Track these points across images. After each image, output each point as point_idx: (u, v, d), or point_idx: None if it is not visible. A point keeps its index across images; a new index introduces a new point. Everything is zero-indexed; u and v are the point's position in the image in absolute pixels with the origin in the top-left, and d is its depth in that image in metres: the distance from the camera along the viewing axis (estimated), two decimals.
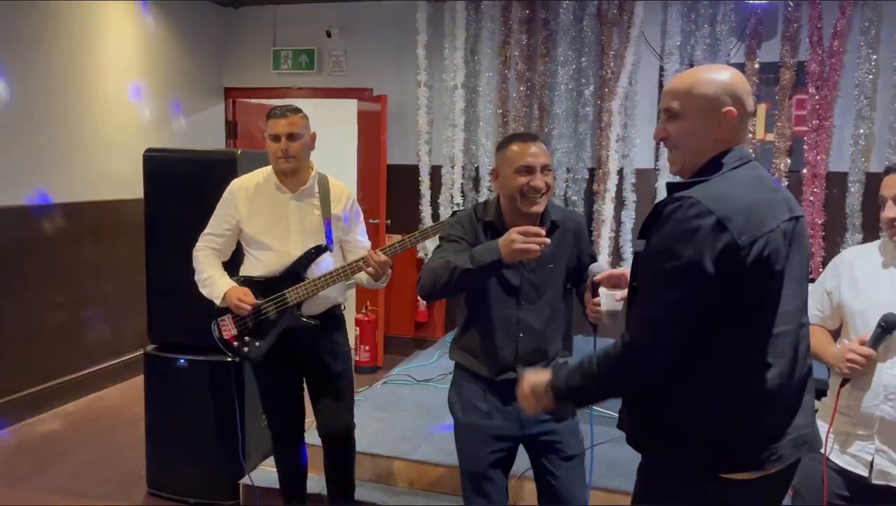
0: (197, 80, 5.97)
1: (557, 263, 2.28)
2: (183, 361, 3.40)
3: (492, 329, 2.24)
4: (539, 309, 2.26)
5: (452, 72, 5.47)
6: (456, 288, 2.10)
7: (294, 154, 2.78)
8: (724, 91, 1.58)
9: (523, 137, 2.22)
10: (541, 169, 2.16)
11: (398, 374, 4.63)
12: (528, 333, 2.24)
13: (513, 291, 2.23)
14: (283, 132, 2.76)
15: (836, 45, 4.79)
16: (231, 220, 2.88)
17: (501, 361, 2.24)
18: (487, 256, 2.00)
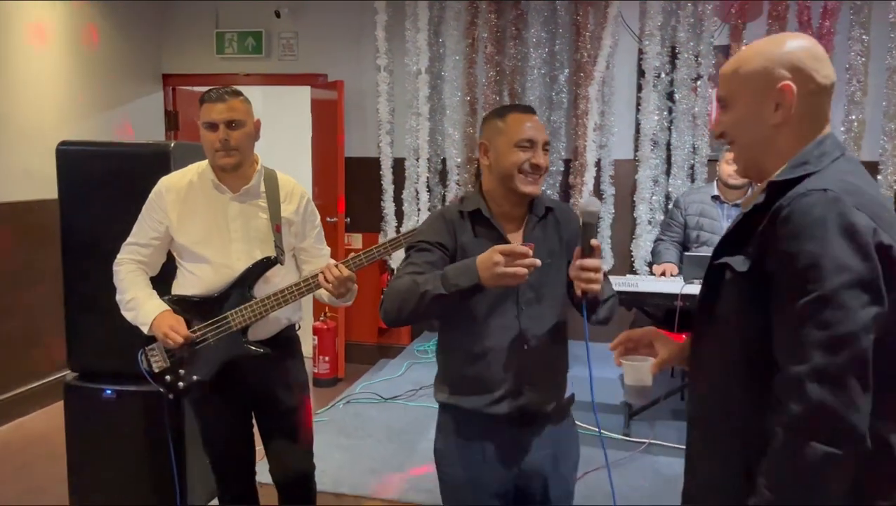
0: (130, 66, 5.38)
1: (555, 256, 1.90)
2: (110, 392, 2.90)
3: (488, 345, 1.84)
4: (542, 314, 1.87)
5: (415, 55, 5.00)
6: (427, 315, 1.78)
7: (235, 146, 2.30)
8: (778, 62, 1.26)
9: (522, 108, 1.91)
10: (542, 145, 1.86)
11: (362, 391, 4.17)
12: (534, 344, 1.85)
13: (509, 293, 1.84)
14: (221, 119, 2.28)
15: (828, 25, 4.48)
16: (159, 226, 2.39)
17: (504, 385, 1.83)
18: (464, 280, 1.65)
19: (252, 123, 2.37)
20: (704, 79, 4.67)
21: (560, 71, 4.90)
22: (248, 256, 2.36)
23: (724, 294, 1.26)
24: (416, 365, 4.64)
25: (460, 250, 1.85)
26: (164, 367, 2.37)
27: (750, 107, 1.27)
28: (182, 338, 2.26)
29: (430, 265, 1.80)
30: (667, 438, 3.47)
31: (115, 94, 5.19)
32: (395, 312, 1.76)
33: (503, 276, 1.59)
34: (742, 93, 1.28)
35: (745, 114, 1.28)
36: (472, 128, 5.05)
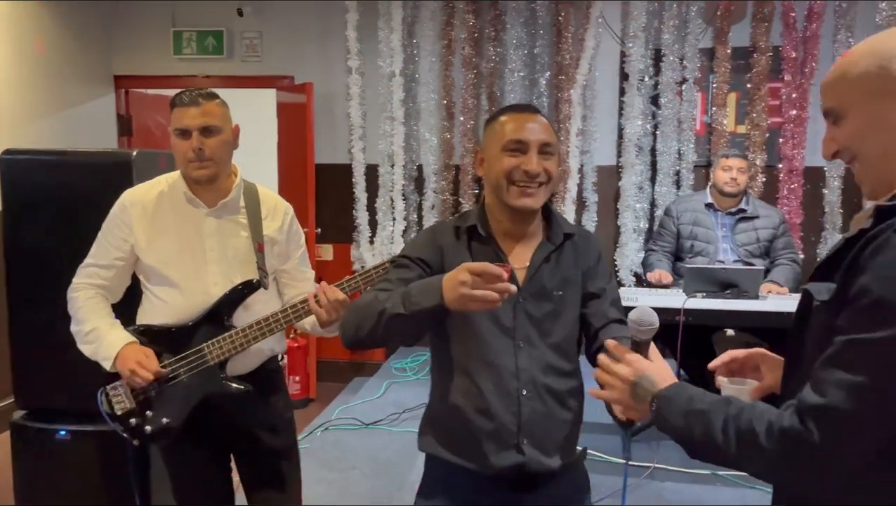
0: (78, 66, 4.99)
1: (568, 288, 1.62)
2: (64, 433, 2.59)
3: (480, 389, 1.56)
4: (544, 354, 1.59)
5: (389, 57, 4.74)
6: (388, 337, 1.53)
7: (210, 155, 2.02)
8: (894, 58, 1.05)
9: (519, 108, 1.64)
10: (538, 148, 1.56)
11: (340, 416, 3.89)
12: (534, 388, 1.57)
13: (504, 327, 1.58)
14: (195, 125, 2.00)
15: (813, 28, 4.38)
16: (124, 245, 2.09)
17: (498, 439, 1.56)
18: (427, 300, 1.41)
19: (230, 129, 2.09)
20: (690, 82, 4.52)
21: (540, 74, 4.70)
22: (227, 279, 2.08)
23: (811, 323, 1.13)
24: (396, 385, 4.37)
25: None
26: (129, 408, 2.07)
27: (869, 114, 1.07)
28: (152, 375, 1.96)
29: (403, 283, 1.54)
30: (671, 461, 3.27)
31: (60, 98, 4.80)
32: (352, 331, 1.53)
33: (468, 298, 1.34)
34: (856, 100, 1.08)
35: (865, 123, 1.08)
36: (449, 133, 4.82)
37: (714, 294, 3.24)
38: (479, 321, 1.56)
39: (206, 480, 2.17)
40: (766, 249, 3.72)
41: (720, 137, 4.54)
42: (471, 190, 4.82)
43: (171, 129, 2.03)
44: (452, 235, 1.63)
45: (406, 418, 3.77)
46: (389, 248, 4.89)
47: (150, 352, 2.00)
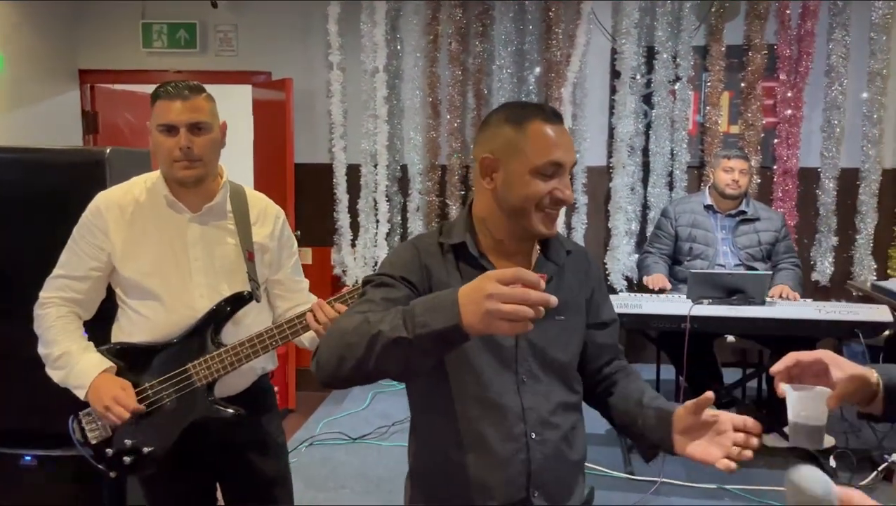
0: (40, 59, 4.69)
1: (570, 311, 1.40)
2: (30, 459, 2.35)
3: (479, 433, 1.32)
4: (551, 388, 1.37)
5: (371, 52, 4.55)
6: (379, 370, 1.15)
7: (199, 154, 1.82)
8: None
9: (547, 113, 1.34)
10: (569, 169, 1.37)
11: (325, 430, 3.68)
12: (543, 429, 1.35)
13: (505, 359, 1.35)
14: (183, 121, 1.78)
15: (808, 27, 4.29)
16: (99, 254, 1.87)
17: (503, 491, 1.33)
18: (439, 320, 1.06)
19: (218, 127, 1.89)
20: (683, 81, 4.40)
21: (530, 71, 4.55)
22: (213, 291, 1.87)
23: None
24: (382, 395, 4.18)
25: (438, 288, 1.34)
26: (104, 437, 1.86)
27: None
28: (128, 414, 1.75)
29: (390, 303, 1.26)
30: (676, 475, 3.15)
31: (20, 93, 4.50)
32: (333, 364, 1.17)
33: (497, 316, 1.01)
34: None
35: None
36: (434, 131, 4.64)
37: (719, 300, 3.11)
38: (475, 353, 1.32)
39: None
40: (767, 252, 3.61)
41: (714, 137, 4.44)
42: (457, 191, 4.65)
43: (155, 124, 1.81)
44: (437, 250, 1.38)
45: (395, 431, 3.59)
46: (372, 251, 4.70)
47: (128, 385, 1.79)
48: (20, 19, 4.47)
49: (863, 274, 4.37)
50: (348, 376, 1.17)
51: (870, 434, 3.35)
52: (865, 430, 3.42)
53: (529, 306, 1.00)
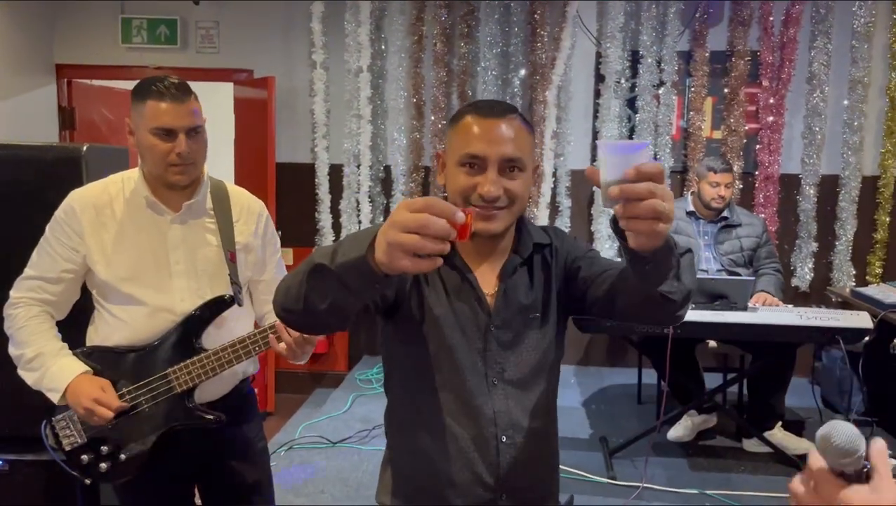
0: (15, 53, 4.60)
1: (546, 306, 1.36)
2: (1, 463, 2.28)
3: (449, 436, 1.30)
4: (524, 390, 1.33)
5: (356, 51, 4.51)
6: (310, 302, 1.07)
7: (195, 159, 1.77)
8: None
9: (487, 108, 1.28)
10: (500, 165, 1.25)
11: (305, 434, 3.63)
12: (514, 433, 1.31)
13: (475, 361, 1.31)
14: (183, 126, 1.72)
15: (791, 34, 4.32)
16: (74, 255, 1.81)
17: (474, 494, 1.31)
18: (353, 249, 1.01)
19: (204, 126, 1.84)
20: (667, 85, 4.41)
21: (514, 73, 4.53)
22: (195, 294, 1.83)
23: None
24: (362, 398, 4.14)
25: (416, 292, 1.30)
26: (79, 443, 1.80)
27: None
28: (112, 413, 1.70)
29: None
30: (657, 479, 3.14)
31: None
32: (280, 298, 1.14)
33: (397, 248, 0.91)
34: None
35: None
36: (418, 132, 4.61)
37: (703, 305, 3.11)
38: (445, 354, 1.29)
39: None
40: (749, 258, 3.62)
41: (697, 143, 4.45)
42: (441, 193, 4.61)
43: (148, 126, 1.73)
44: None
45: (376, 435, 3.55)
46: None
47: (107, 383, 1.74)
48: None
49: (842, 280, 4.41)
50: (293, 308, 1.11)
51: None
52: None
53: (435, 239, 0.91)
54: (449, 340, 1.29)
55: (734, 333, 3.14)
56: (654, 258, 1.06)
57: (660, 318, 1.23)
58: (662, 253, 1.06)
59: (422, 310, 1.30)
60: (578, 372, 4.69)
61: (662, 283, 1.12)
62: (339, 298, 1.05)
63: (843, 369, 3.83)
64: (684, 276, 1.14)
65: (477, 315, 1.30)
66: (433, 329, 1.30)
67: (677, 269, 1.12)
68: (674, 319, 1.22)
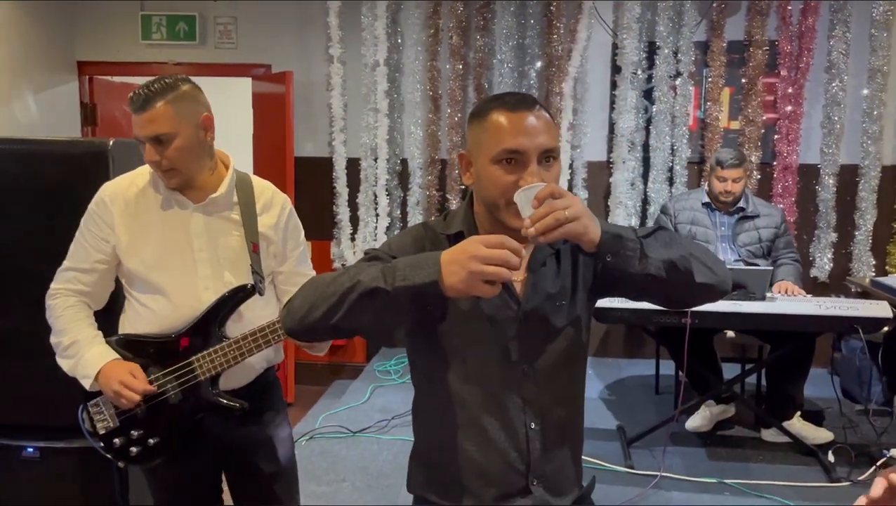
0: (40, 51, 4.68)
1: (573, 295, 1.37)
2: (32, 450, 2.34)
3: (478, 423, 1.32)
4: (553, 377, 1.35)
5: (372, 45, 4.54)
6: (348, 322, 1.16)
7: (170, 165, 1.78)
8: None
9: (513, 101, 1.28)
10: (539, 156, 1.25)
11: (325, 424, 3.69)
12: (544, 421, 1.34)
13: (505, 350, 1.32)
14: (144, 135, 1.77)
15: (809, 23, 4.29)
16: (105, 246, 1.86)
17: (504, 481, 1.33)
18: (418, 275, 1.11)
19: (188, 128, 1.79)
20: (684, 76, 4.40)
21: (531, 65, 4.55)
22: (219, 283, 1.87)
23: None
24: (381, 389, 4.19)
25: None
26: (112, 427, 1.85)
27: None
28: (139, 396, 1.75)
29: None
30: (675, 469, 3.16)
31: (19, 85, 4.48)
32: (304, 310, 1.19)
33: (479, 277, 1.08)
34: None
35: None
36: (435, 126, 4.64)
37: None
38: (474, 344, 1.32)
39: (196, 502, 1.97)
40: (767, 248, 3.62)
41: (714, 133, 4.44)
42: (458, 186, 4.65)
43: None
44: (441, 240, 1.35)
45: (395, 424, 3.58)
46: (372, 245, 4.69)
47: (137, 368, 1.79)
48: (19, 10, 4.45)
49: (861, 270, 4.38)
50: (313, 325, 1.19)
51: (869, 430, 3.36)
52: (864, 425, 3.44)
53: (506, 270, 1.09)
54: (477, 332, 1.31)
55: (752, 323, 3.14)
56: (605, 251, 1.18)
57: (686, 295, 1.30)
58: (607, 245, 1.17)
59: (446, 306, 1.30)
60: (596, 363, 4.70)
61: (630, 266, 1.20)
62: (386, 318, 1.17)
63: (862, 360, 3.81)
64: (651, 252, 1.21)
65: (507, 304, 1.32)
66: (459, 323, 1.31)
67: (641, 249, 1.20)
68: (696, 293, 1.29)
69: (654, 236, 1.27)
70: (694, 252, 1.28)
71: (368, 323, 1.17)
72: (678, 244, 1.27)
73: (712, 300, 1.33)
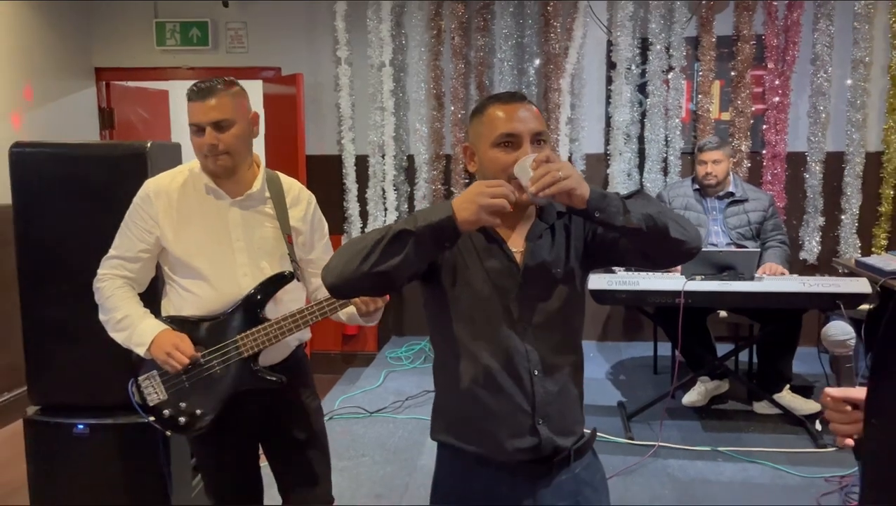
0: (59, 59, 4.89)
1: (567, 263, 1.56)
2: (82, 427, 2.55)
3: (488, 372, 1.51)
4: (552, 333, 1.55)
5: (378, 47, 4.75)
6: (378, 264, 1.37)
7: (226, 149, 2.00)
8: None
9: (506, 97, 1.55)
10: (531, 138, 1.48)
11: (343, 406, 3.91)
12: (544, 368, 1.52)
13: (508, 309, 1.52)
14: (207, 120, 1.97)
15: (794, 18, 4.50)
16: (148, 236, 2.08)
17: (513, 421, 1.52)
18: (435, 215, 1.36)
19: (245, 119, 2.04)
20: (676, 70, 4.61)
21: (529, 63, 4.76)
22: (256, 270, 2.08)
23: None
24: (394, 373, 4.41)
25: (451, 254, 1.54)
26: (161, 400, 2.07)
27: None
28: (188, 359, 1.97)
29: None
30: (672, 439, 3.38)
31: (40, 91, 4.69)
32: (341, 266, 1.40)
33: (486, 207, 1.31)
34: None
35: None
36: (439, 122, 4.85)
37: (712, 276, 3.33)
38: (482, 305, 1.53)
39: (237, 467, 2.18)
40: (756, 231, 3.83)
41: (706, 124, 4.65)
42: (462, 179, 4.86)
43: (189, 123, 2.02)
44: None
45: (409, 405, 3.81)
46: None
47: (185, 337, 2.00)
48: (39, 20, 4.66)
49: (848, 252, 4.60)
50: (351, 275, 1.39)
51: None
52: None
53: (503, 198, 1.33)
54: (482, 292, 1.52)
55: (741, 302, 3.36)
56: (593, 208, 1.36)
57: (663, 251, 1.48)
58: (595, 202, 1.37)
59: (455, 271, 1.54)
60: (599, 346, 4.92)
61: (615, 221, 1.38)
62: (414, 254, 1.36)
63: None
64: (633, 207, 1.40)
65: (509, 270, 1.53)
66: (468, 286, 1.53)
67: (623, 206, 1.39)
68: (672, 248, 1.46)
69: (634, 197, 1.47)
70: (667, 212, 1.48)
71: (398, 263, 1.36)
72: (654, 204, 1.47)
73: (688, 257, 1.52)
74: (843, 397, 1.15)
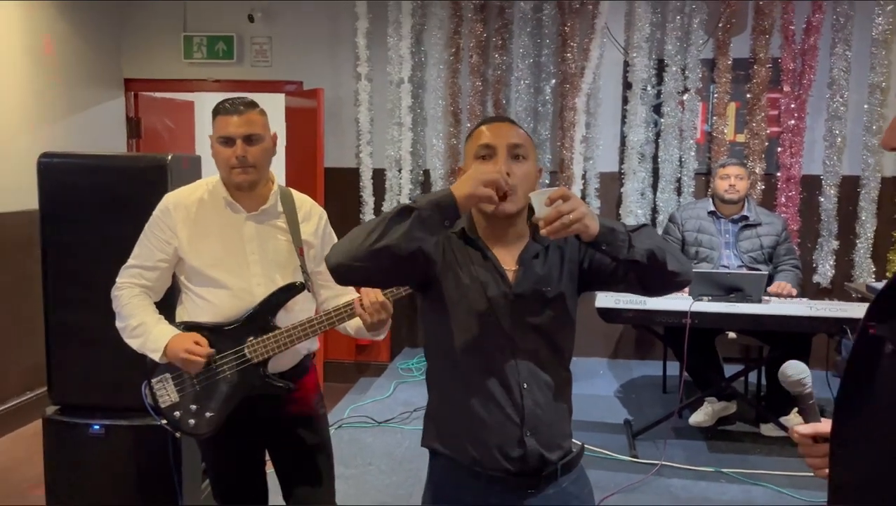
0: (89, 69, 5.05)
1: (558, 283, 1.61)
2: (98, 428, 2.66)
3: (479, 386, 1.56)
4: (542, 350, 1.59)
5: (397, 64, 4.85)
6: (381, 240, 1.40)
7: (253, 162, 2.11)
8: None
9: (492, 119, 1.67)
10: (508, 151, 1.54)
11: (352, 415, 3.98)
12: (532, 382, 1.57)
13: (499, 324, 1.57)
14: (238, 134, 2.08)
15: (811, 42, 4.53)
16: (167, 247, 2.17)
17: (501, 432, 1.56)
18: (436, 194, 1.45)
19: (269, 137, 2.18)
20: (692, 92, 4.65)
21: (546, 82, 4.82)
22: (269, 280, 2.17)
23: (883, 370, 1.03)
24: (404, 385, 4.48)
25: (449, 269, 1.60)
26: (173, 402, 2.15)
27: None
28: (204, 358, 2.05)
29: None
30: (676, 458, 3.40)
31: (70, 101, 4.85)
32: (346, 246, 1.45)
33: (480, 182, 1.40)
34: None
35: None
36: (455, 138, 4.93)
37: (719, 298, 3.36)
38: (475, 319, 1.58)
39: (243, 471, 2.26)
40: (769, 255, 3.85)
41: (720, 146, 4.68)
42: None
43: (215, 136, 2.11)
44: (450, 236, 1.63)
45: (417, 416, 3.87)
46: None
47: (200, 337, 2.08)
48: (72, 33, 4.82)
49: (862, 276, 4.59)
50: (355, 253, 1.43)
51: None
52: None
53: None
54: (475, 305, 1.59)
55: (747, 324, 3.38)
56: (601, 241, 1.44)
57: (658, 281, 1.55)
58: (603, 237, 1.44)
59: (450, 284, 1.60)
60: (609, 364, 4.95)
61: (620, 254, 1.46)
62: (412, 231, 1.40)
63: None
64: (637, 242, 1.48)
65: (499, 287, 1.59)
66: (461, 299, 1.59)
67: (629, 240, 1.47)
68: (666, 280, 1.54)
69: (639, 231, 1.53)
70: (667, 247, 1.55)
71: (400, 236, 1.39)
72: (657, 239, 1.54)
73: (679, 287, 1.59)
74: (811, 434, 1.19)
